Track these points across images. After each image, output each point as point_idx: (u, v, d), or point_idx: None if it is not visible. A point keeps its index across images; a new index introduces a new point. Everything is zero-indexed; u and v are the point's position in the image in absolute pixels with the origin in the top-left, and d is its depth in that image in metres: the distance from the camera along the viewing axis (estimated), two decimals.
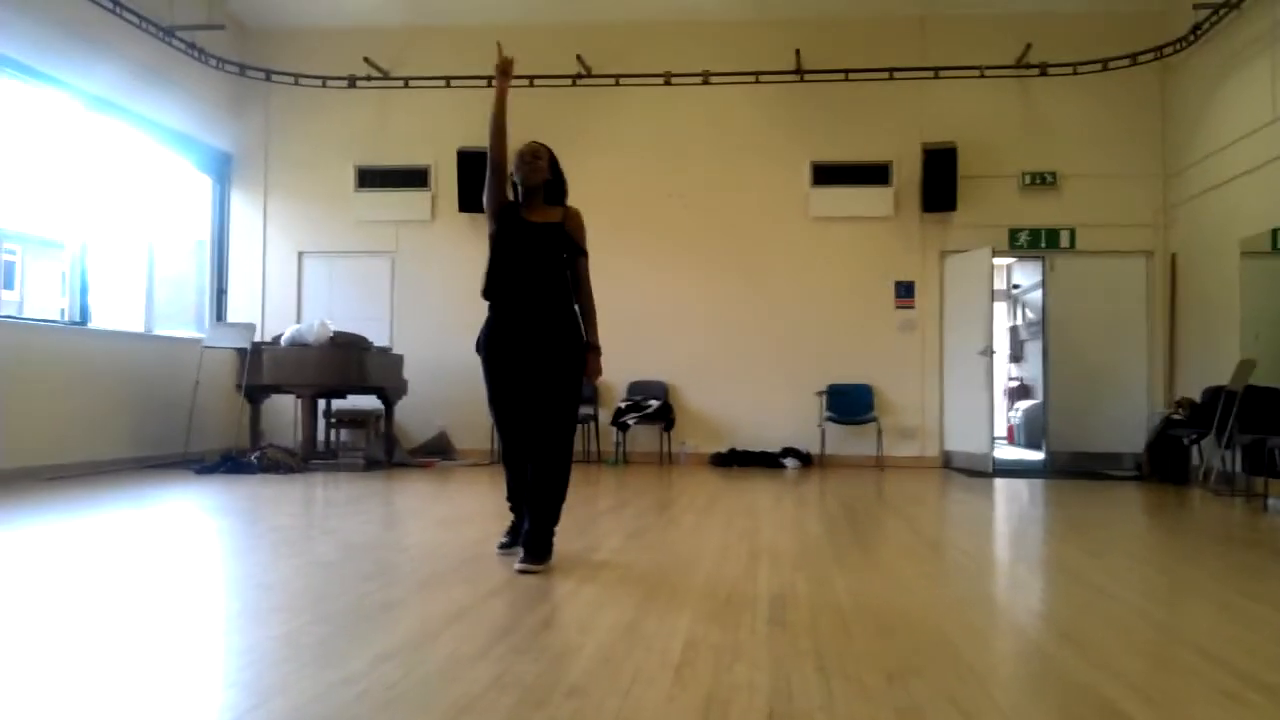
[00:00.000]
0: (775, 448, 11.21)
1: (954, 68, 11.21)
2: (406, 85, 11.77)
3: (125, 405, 9.87)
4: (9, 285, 17.46)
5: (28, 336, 8.96)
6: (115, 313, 10.29)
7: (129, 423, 9.89)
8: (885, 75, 11.29)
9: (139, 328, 10.57)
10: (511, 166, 4.75)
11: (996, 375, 11.99)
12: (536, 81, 11.57)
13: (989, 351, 10.79)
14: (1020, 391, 16.54)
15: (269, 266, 12.19)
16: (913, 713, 2.54)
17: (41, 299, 16.64)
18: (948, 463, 11.33)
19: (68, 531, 5.82)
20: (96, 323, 9.81)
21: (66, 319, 9.68)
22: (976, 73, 11.19)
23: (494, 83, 4.69)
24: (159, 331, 10.80)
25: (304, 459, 9.91)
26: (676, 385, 11.60)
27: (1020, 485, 9.52)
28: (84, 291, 9.67)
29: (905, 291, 11.48)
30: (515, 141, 4.74)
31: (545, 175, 4.74)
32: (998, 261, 12.00)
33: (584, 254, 4.80)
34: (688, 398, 11.61)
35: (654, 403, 11.24)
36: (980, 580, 4.68)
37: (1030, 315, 16.00)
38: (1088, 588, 4.36)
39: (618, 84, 11.57)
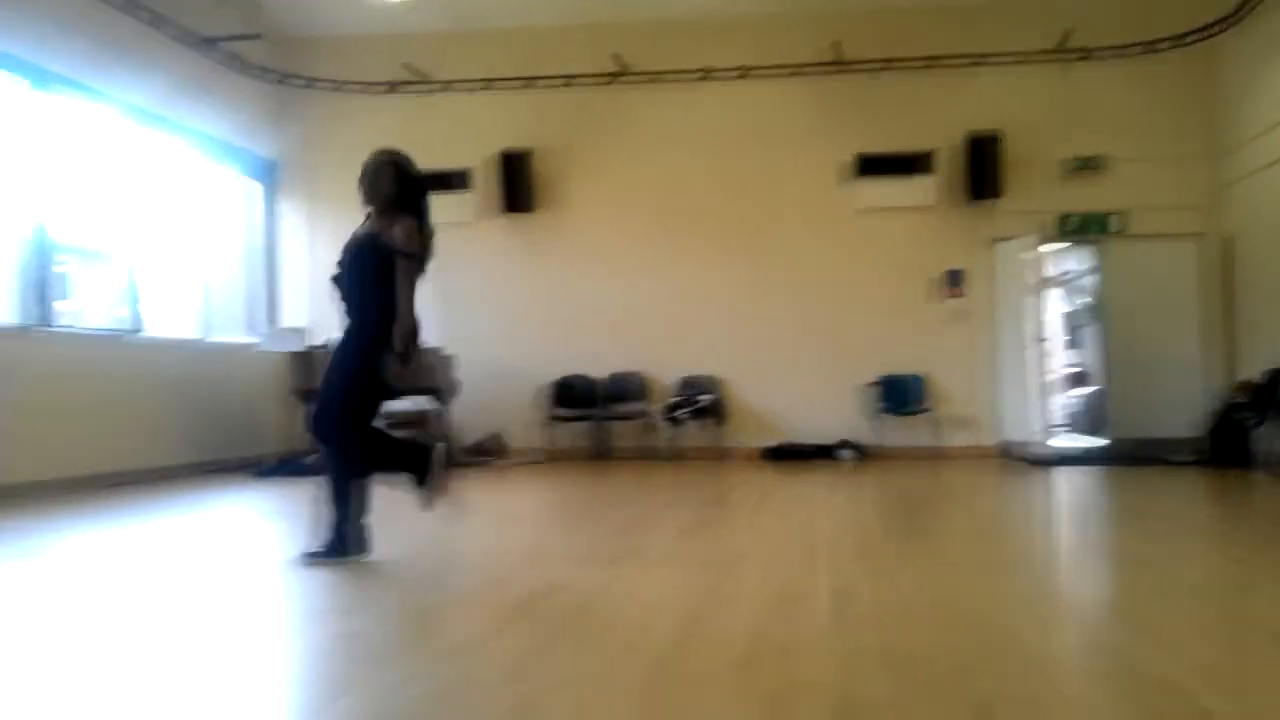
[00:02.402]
0: (829, 440, 11.12)
1: (995, 54, 11.06)
2: (446, 89, 11.81)
3: (184, 411, 9.99)
4: (66, 296, 17.73)
5: (86, 346, 9.09)
6: (169, 321, 10.42)
7: (188, 428, 10.01)
8: (926, 64, 11.16)
9: (193, 335, 10.69)
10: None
11: (1052, 362, 11.81)
12: (574, 81, 11.57)
13: (1042, 339, 10.64)
14: (1077, 378, 16.30)
15: (317, 271, 12.26)
16: (983, 708, 2.50)
17: (96, 309, 16.86)
18: (1004, 452, 11.18)
19: (131, 536, 5.91)
20: (151, 331, 9.94)
21: (122, 328, 9.81)
22: (1019, 59, 11.04)
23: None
24: (213, 338, 10.93)
25: None
26: (727, 379, 11.55)
27: (1080, 473, 9.38)
28: (138, 300, 9.80)
29: (955, 280, 11.34)
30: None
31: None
32: (1047, 248, 11.82)
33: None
34: (739, 392, 11.55)
35: (705, 397, 11.21)
36: (1045, 571, 4.62)
37: (1084, 301, 15.78)
38: (1155, 575, 4.28)
39: (655, 81, 11.54)
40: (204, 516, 6.81)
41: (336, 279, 4.83)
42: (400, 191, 4.81)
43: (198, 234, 10.94)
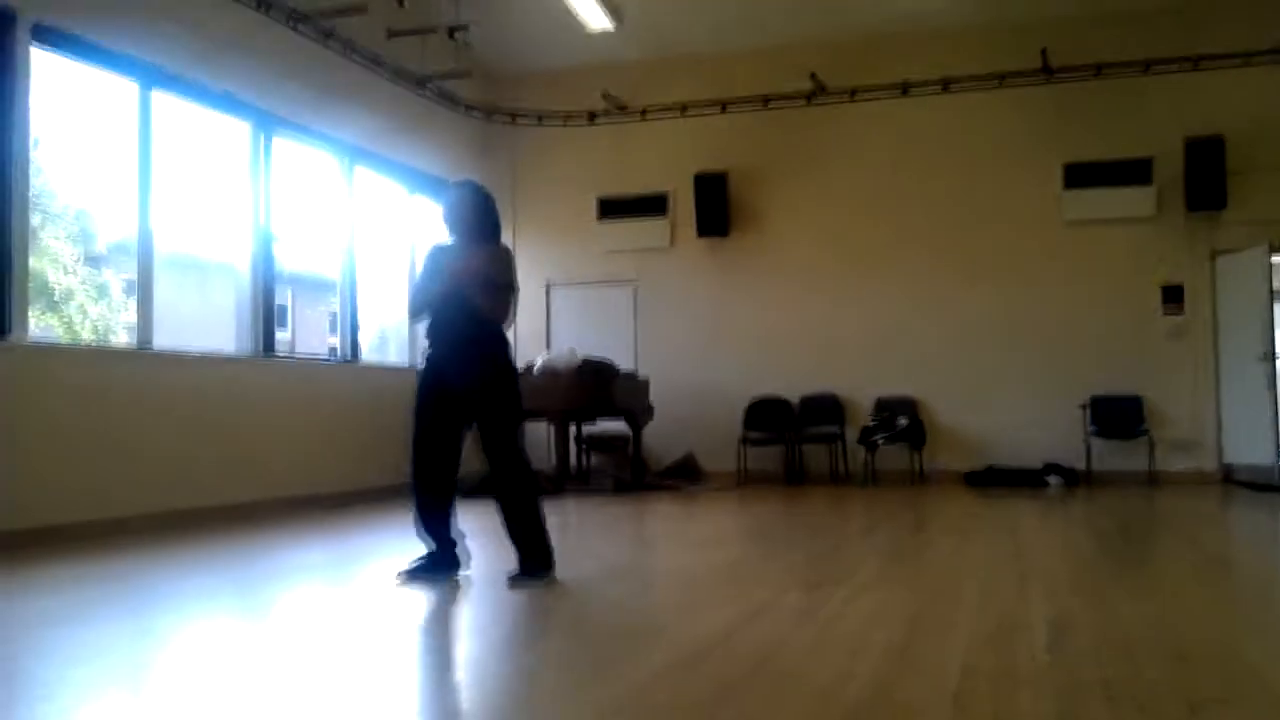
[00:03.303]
0: (1035, 464, 10.68)
1: (1216, 55, 10.46)
2: (643, 116, 11.99)
3: (395, 435, 10.39)
4: (282, 325, 18.87)
5: (304, 373, 9.61)
6: (381, 349, 10.90)
7: (399, 451, 10.40)
8: (1140, 69, 10.66)
9: (405, 362, 11.15)
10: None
11: (1279, 381, 11.03)
12: (770, 103, 11.56)
13: (1270, 356, 9.97)
14: None
15: (520, 298, 12.59)
16: None
17: (313, 337, 17.77)
18: (1228, 476, 10.51)
19: (347, 553, 6.21)
20: (366, 358, 10.42)
21: (338, 356, 10.32)
22: (1241, 60, 10.41)
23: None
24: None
25: (558, 483, 10.19)
26: (925, 401, 11.26)
27: None
28: (354, 330, 10.29)
29: (1173, 296, 10.75)
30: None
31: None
32: (1276, 260, 11.06)
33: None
34: (938, 414, 11.25)
35: (903, 420, 10.95)
36: None
37: None
38: None
39: (853, 99, 11.41)
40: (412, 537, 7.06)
41: (435, 305, 4.94)
42: (481, 220, 4.93)
43: (408, 266, 11.41)
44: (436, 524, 4.85)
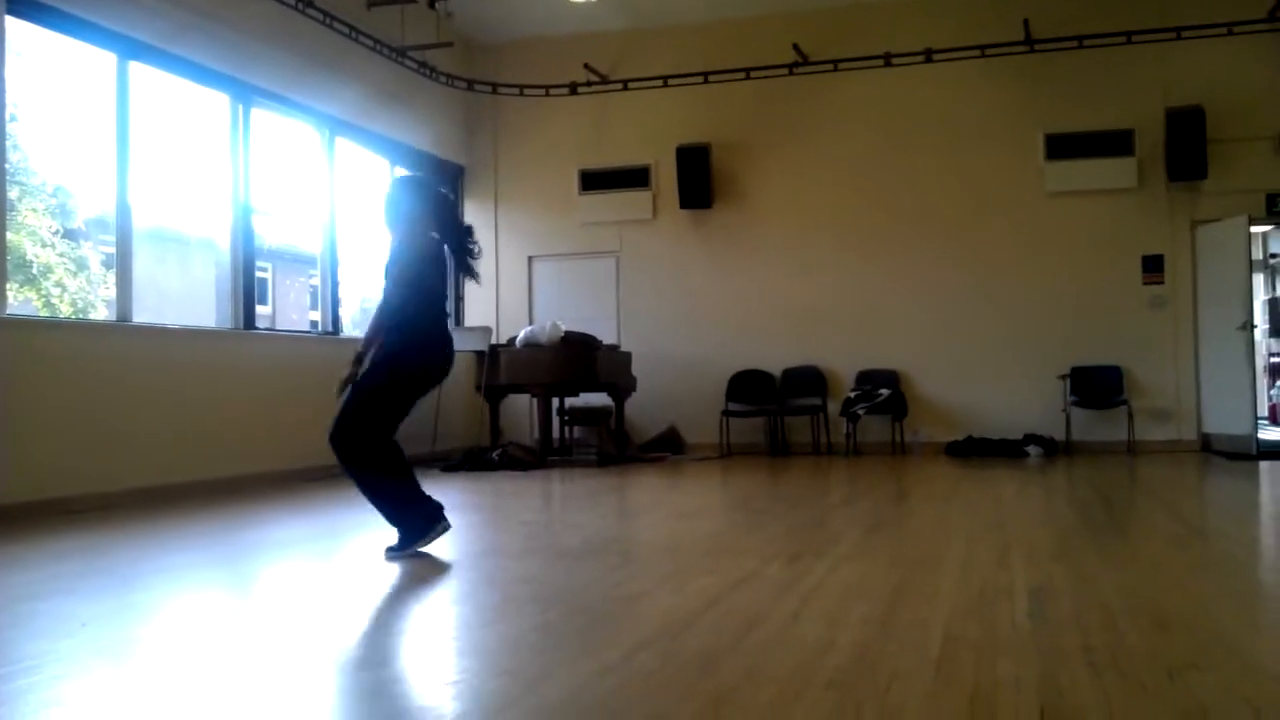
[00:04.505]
0: (1016, 435, 10.75)
1: (1198, 26, 10.45)
2: (625, 88, 11.93)
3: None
4: (263, 300, 18.79)
5: (284, 347, 9.56)
6: (363, 324, 10.85)
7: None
8: (1122, 39, 10.65)
9: None
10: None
11: (1257, 351, 11.14)
12: (752, 74, 11.52)
13: (1248, 326, 10.05)
14: None
15: (501, 272, 12.59)
16: (1198, 713, 2.39)
17: (292, 312, 17.65)
18: (1206, 446, 10.61)
19: (330, 527, 6.21)
20: (346, 333, 10.38)
21: (319, 330, 10.27)
22: (1224, 30, 10.42)
23: None
24: None
25: (541, 456, 10.20)
26: (907, 373, 11.31)
27: None
28: (335, 304, 10.25)
29: (1153, 266, 10.80)
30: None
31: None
32: (1255, 229, 11.12)
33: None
34: (920, 385, 11.30)
35: (884, 391, 11.00)
36: (1258, 571, 4.36)
37: None
38: None
39: (835, 69, 11.37)
40: None
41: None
42: (391, 214, 5.28)
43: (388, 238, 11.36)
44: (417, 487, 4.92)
